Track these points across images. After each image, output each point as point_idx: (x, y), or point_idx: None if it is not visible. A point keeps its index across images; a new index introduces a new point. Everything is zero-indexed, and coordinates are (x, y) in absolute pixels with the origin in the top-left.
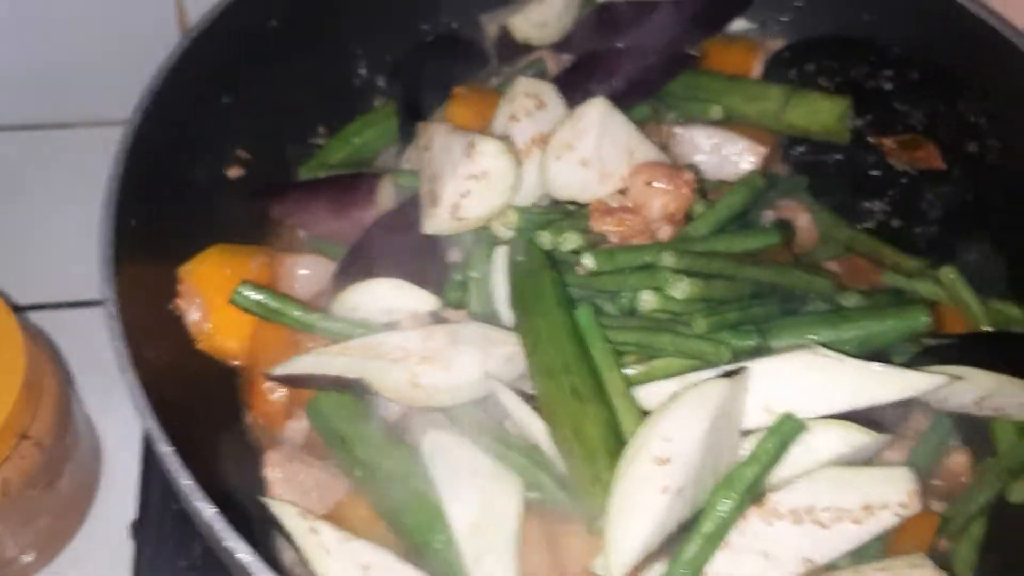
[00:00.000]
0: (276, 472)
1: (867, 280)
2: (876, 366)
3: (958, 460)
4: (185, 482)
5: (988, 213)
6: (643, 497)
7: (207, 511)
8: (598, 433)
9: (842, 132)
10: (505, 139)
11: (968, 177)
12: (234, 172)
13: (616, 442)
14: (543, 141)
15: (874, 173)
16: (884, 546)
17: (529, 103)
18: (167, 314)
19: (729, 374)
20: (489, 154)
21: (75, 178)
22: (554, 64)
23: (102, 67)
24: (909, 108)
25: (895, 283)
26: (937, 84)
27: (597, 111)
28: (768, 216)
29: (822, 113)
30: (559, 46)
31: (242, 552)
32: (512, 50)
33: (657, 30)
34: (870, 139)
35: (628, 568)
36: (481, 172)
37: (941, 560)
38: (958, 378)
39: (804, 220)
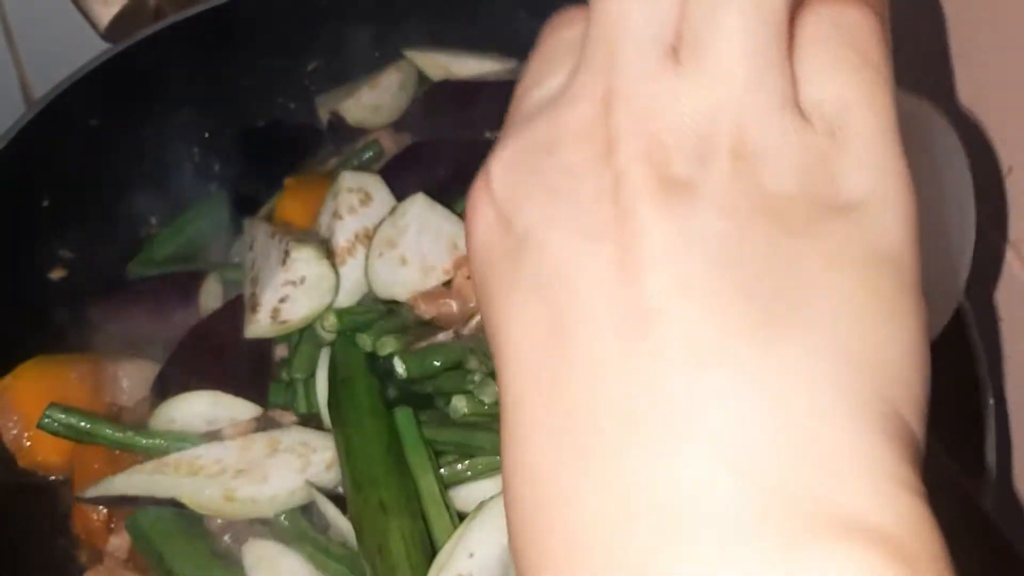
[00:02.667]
0: None
1: None
2: None
3: None
4: None
5: None
6: None
7: None
8: (402, 548)
9: None
10: (322, 243)
11: None
12: (57, 274)
13: (421, 555)
14: (368, 237)
15: None
16: None
17: (353, 198)
18: None
19: None
20: (303, 260)
21: None
22: (392, 143)
23: None
24: None
25: None
26: None
27: (417, 207)
28: None
29: None
30: (397, 125)
31: None
32: (346, 134)
33: (493, 107)
34: None
35: None
36: (298, 278)
37: None
38: None
39: None
